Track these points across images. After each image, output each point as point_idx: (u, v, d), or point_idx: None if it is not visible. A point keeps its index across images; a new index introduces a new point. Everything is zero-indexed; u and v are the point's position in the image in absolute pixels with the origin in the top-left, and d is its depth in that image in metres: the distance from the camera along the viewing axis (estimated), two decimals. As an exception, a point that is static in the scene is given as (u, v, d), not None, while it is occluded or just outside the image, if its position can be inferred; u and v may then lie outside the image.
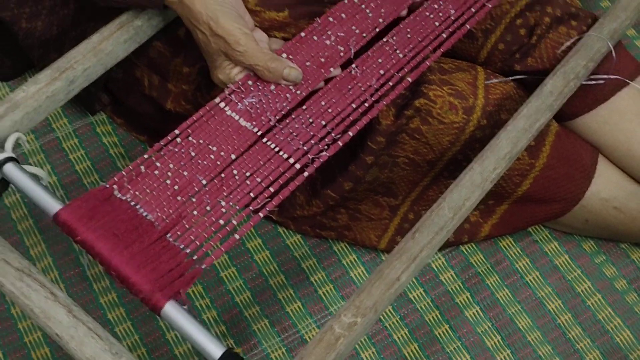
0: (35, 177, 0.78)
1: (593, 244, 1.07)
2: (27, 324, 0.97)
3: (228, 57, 0.84)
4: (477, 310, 1.02)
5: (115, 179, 0.79)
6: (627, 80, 0.98)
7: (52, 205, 0.76)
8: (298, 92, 0.87)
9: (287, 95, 0.87)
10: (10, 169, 0.77)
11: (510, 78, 0.99)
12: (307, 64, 0.90)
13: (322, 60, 0.90)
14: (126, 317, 0.99)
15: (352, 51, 0.89)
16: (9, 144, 0.80)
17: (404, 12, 0.94)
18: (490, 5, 0.96)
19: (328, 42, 0.91)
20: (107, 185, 0.78)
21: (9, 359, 0.95)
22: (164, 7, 0.86)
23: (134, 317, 0.99)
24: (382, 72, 0.89)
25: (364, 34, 0.92)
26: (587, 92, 0.99)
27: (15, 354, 0.95)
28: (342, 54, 0.90)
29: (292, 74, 0.85)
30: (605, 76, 0.98)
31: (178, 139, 0.83)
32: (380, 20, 0.93)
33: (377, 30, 0.92)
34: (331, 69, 0.89)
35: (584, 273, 1.05)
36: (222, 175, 0.80)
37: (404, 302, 1.02)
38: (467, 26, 0.94)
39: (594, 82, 0.98)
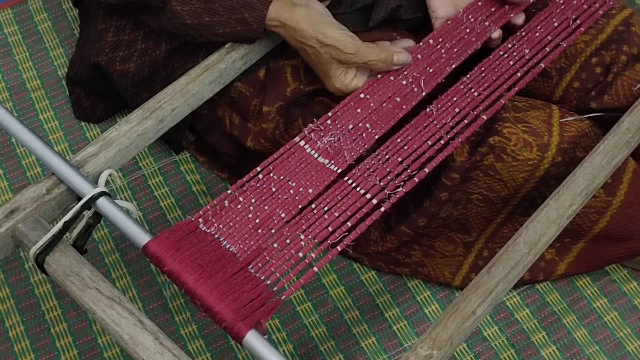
0: (125, 211, 0.82)
1: (674, 284, 1.06)
2: (112, 353, 1.01)
3: (341, 61, 0.90)
4: (553, 350, 1.01)
5: (201, 212, 0.83)
6: None
7: (142, 237, 0.80)
8: (373, 131, 0.90)
9: (364, 134, 0.89)
10: (103, 203, 0.82)
11: (586, 116, 0.99)
12: (384, 104, 0.92)
13: (398, 99, 0.92)
14: (205, 349, 1.02)
15: (424, 91, 0.92)
16: (102, 180, 0.85)
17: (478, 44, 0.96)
18: (564, 45, 0.97)
19: (404, 82, 0.94)
20: (193, 219, 0.82)
21: (95, 387, 0.99)
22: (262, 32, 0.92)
23: (213, 349, 1.01)
24: (457, 110, 0.91)
25: (437, 75, 0.94)
26: (665, 129, 0.98)
27: (101, 382, 0.99)
28: (415, 93, 0.93)
29: (401, 58, 0.92)
30: (683, 114, 0.97)
31: (260, 175, 0.86)
32: (452, 62, 0.95)
33: (449, 70, 0.94)
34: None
35: (665, 314, 1.03)
36: (300, 207, 0.83)
37: (478, 340, 1.02)
38: (542, 65, 0.95)
39: (672, 119, 0.97)
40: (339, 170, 0.86)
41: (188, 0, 0.91)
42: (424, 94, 0.92)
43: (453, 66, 0.94)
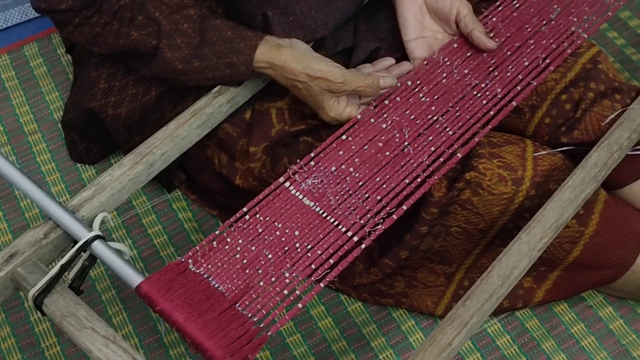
0: (119, 252, 0.87)
1: (648, 309, 1.10)
2: (109, 387, 1.05)
3: (332, 91, 0.96)
4: (534, 375, 1.05)
5: (190, 253, 0.87)
6: (673, 150, 1.02)
7: (134, 278, 0.84)
8: (357, 174, 0.94)
9: (347, 178, 0.94)
10: (97, 246, 0.86)
11: (558, 149, 1.04)
12: (366, 147, 0.97)
13: (380, 144, 0.97)
14: (199, 380, 1.05)
15: (407, 138, 0.96)
16: (96, 223, 0.90)
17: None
18: (535, 84, 1.02)
19: (384, 125, 0.98)
20: (183, 260, 0.86)
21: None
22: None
23: (207, 381, 1.05)
24: (433, 149, 0.96)
25: (418, 121, 0.99)
26: (633, 161, 1.03)
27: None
28: (397, 139, 0.97)
29: (387, 82, 0.98)
30: (650, 146, 1.02)
31: (247, 217, 0.91)
32: (434, 108, 1.00)
33: (431, 120, 0.99)
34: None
35: (640, 337, 1.07)
36: (286, 248, 0.88)
37: (461, 367, 1.06)
38: (514, 103, 1.00)
39: (639, 152, 1.02)
40: (324, 214, 0.91)
41: (178, 47, 0.96)
42: (406, 143, 0.96)
43: (435, 117, 0.98)
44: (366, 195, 0.92)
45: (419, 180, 0.94)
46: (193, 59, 0.97)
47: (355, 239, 0.89)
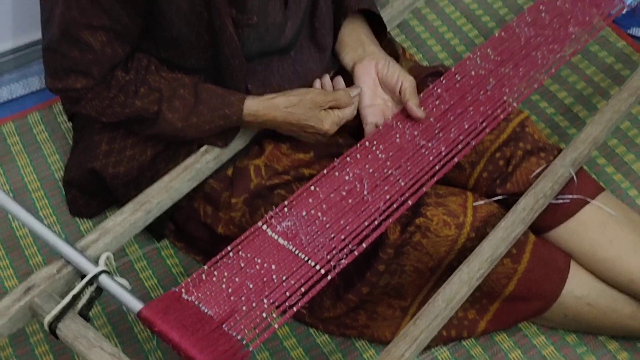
0: (121, 285, 1.02)
1: (575, 337, 1.26)
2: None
3: (319, 104, 1.16)
4: (478, 395, 1.20)
5: (183, 285, 1.02)
6: (588, 199, 1.21)
7: (136, 305, 0.99)
8: (324, 218, 1.11)
9: (316, 221, 1.11)
10: (104, 279, 1.01)
11: (494, 199, 1.22)
12: (331, 195, 1.14)
13: (344, 193, 1.14)
14: (186, 405, 1.19)
15: (366, 188, 1.14)
16: (102, 261, 1.05)
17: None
18: (473, 143, 1.21)
19: (347, 177, 1.16)
20: (177, 290, 1.02)
21: None
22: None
23: (193, 406, 1.19)
24: (388, 197, 1.14)
25: (376, 174, 1.17)
26: (556, 209, 1.22)
27: None
28: (358, 189, 1.15)
29: (354, 92, 1.20)
30: (570, 196, 1.21)
31: (230, 254, 1.07)
32: (389, 163, 1.18)
33: (386, 174, 1.16)
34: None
35: (568, 362, 1.24)
36: (265, 279, 1.04)
37: (416, 389, 1.21)
38: (455, 160, 1.19)
39: (561, 201, 1.21)
40: (297, 251, 1.07)
41: (177, 108, 1.13)
42: (365, 192, 1.14)
43: (390, 171, 1.16)
44: (332, 235, 1.09)
45: (376, 223, 1.11)
46: (191, 116, 1.14)
47: (323, 271, 1.05)
